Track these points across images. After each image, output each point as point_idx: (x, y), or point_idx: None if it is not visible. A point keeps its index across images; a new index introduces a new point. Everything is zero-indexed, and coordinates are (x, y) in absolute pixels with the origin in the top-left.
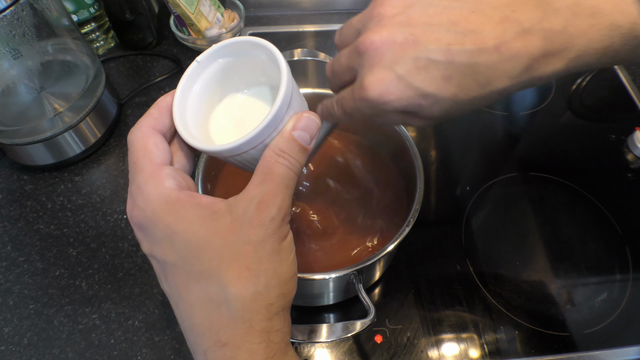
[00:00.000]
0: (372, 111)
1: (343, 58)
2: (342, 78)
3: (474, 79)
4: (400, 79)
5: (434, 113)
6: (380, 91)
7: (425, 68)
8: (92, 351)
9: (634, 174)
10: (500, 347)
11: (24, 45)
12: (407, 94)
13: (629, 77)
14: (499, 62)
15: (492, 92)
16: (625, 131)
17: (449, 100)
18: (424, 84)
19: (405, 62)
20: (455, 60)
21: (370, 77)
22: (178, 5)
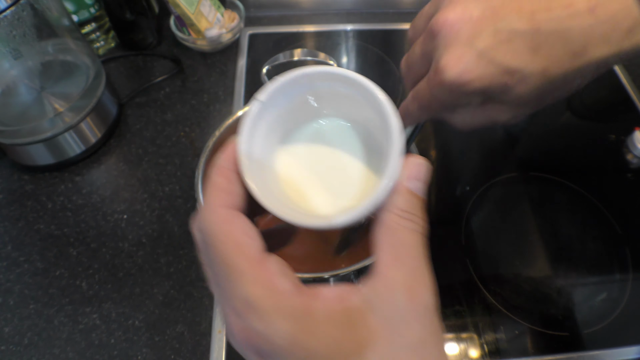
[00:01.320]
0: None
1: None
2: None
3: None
4: (481, 55)
5: (522, 93)
6: (458, 70)
7: (508, 40)
8: (92, 351)
9: (634, 174)
10: (500, 347)
11: (25, 45)
12: (489, 71)
13: (629, 77)
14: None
15: (590, 63)
16: (625, 131)
17: (538, 75)
18: (508, 58)
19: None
20: (542, 28)
21: (447, 56)
22: (178, 6)
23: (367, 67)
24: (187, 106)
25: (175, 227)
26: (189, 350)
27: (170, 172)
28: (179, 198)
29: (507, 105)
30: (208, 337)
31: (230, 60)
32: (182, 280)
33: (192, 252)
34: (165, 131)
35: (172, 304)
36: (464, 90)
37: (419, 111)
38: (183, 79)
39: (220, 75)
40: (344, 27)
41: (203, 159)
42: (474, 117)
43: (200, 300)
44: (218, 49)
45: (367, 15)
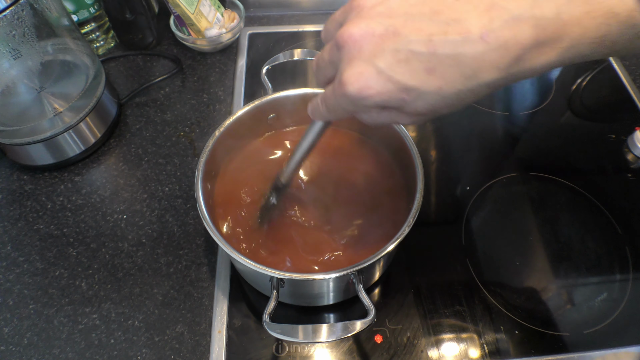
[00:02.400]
0: (354, 107)
1: (325, 53)
2: (326, 74)
3: (459, 71)
4: (380, 72)
5: (418, 108)
6: (359, 86)
7: (406, 60)
8: (92, 351)
9: (634, 174)
10: (500, 347)
11: (24, 45)
12: (388, 88)
13: (629, 77)
14: (486, 53)
15: (480, 84)
16: (625, 131)
17: (433, 93)
18: (406, 77)
19: (385, 54)
20: (438, 52)
21: (349, 71)
22: (178, 5)
23: None
24: (187, 106)
25: (175, 227)
26: (189, 351)
27: (170, 172)
28: (178, 198)
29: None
30: (208, 337)
31: (230, 60)
32: (182, 280)
33: (192, 252)
34: (165, 131)
35: (171, 304)
36: (364, 103)
37: (326, 113)
38: (183, 78)
39: (220, 75)
40: None
41: (203, 159)
42: (379, 117)
43: (200, 301)
44: (218, 49)
45: None
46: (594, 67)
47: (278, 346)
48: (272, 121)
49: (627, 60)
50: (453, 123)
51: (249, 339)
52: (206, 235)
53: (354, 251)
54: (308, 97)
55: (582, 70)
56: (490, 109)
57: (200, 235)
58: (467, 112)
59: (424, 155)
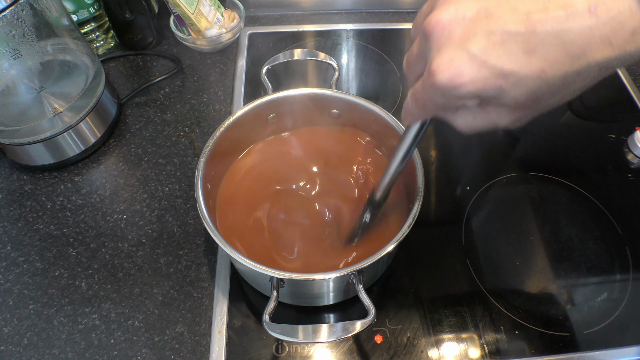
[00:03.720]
0: (445, 99)
1: (415, 47)
2: (416, 70)
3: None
4: (473, 57)
5: (518, 97)
6: (450, 74)
7: (501, 42)
8: (92, 351)
9: (634, 174)
10: (500, 347)
11: (24, 45)
12: (482, 75)
13: (629, 77)
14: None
15: (590, 65)
16: (625, 131)
17: (534, 78)
18: (502, 61)
19: (477, 38)
20: (538, 30)
21: (439, 59)
22: (178, 5)
23: (367, 67)
24: (186, 106)
25: (175, 227)
26: (189, 351)
27: (170, 172)
28: (178, 198)
29: (506, 108)
30: (208, 338)
31: (230, 60)
32: (181, 280)
33: (192, 252)
34: (165, 131)
35: (171, 304)
36: (456, 94)
37: (417, 110)
38: (183, 78)
39: (220, 75)
40: (344, 27)
41: (203, 159)
42: (475, 119)
43: (200, 301)
44: (218, 49)
45: (367, 15)
46: None
47: (278, 346)
48: (272, 121)
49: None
50: None
51: (249, 339)
52: (206, 235)
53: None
54: (308, 97)
55: None
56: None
57: (200, 235)
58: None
59: (424, 155)
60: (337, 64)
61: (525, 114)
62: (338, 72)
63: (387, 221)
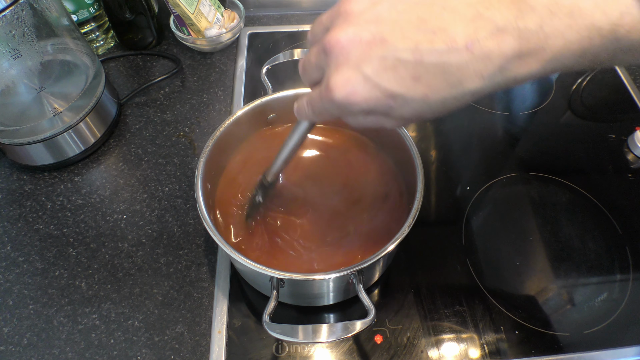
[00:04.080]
0: (340, 112)
1: (312, 56)
2: (313, 77)
3: (444, 79)
4: (367, 79)
5: (404, 114)
6: (346, 92)
7: (393, 68)
8: (91, 351)
9: (634, 174)
10: (500, 347)
11: (24, 45)
12: (374, 95)
13: (629, 77)
14: (471, 62)
15: (465, 92)
16: (625, 131)
17: (419, 100)
18: (392, 84)
19: (372, 61)
20: (425, 60)
21: (336, 77)
22: (178, 5)
23: None
24: (186, 106)
25: (174, 227)
26: (189, 351)
27: (170, 172)
28: (178, 198)
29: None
30: (208, 338)
31: (230, 60)
32: (181, 280)
33: (192, 252)
34: (165, 131)
35: (171, 304)
36: (350, 109)
37: (312, 114)
38: (183, 78)
39: (220, 75)
40: None
41: (203, 159)
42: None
43: (200, 301)
44: (218, 49)
45: None
46: None
47: (278, 346)
48: (272, 121)
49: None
50: (453, 123)
51: (249, 339)
52: (206, 235)
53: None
54: None
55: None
56: (490, 109)
57: (200, 235)
58: (467, 112)
59: (424, 155)
60: None
61: (406, 123)
62: None
63: (387, 221)
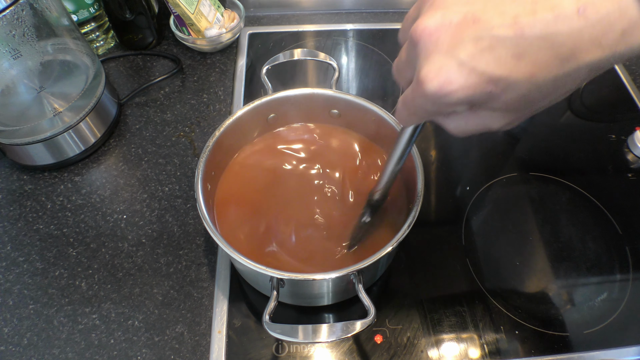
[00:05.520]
0: (436, 107)
1: (403, 53)
2: (406, 76)
3: (553, 53)
4: (462, 64)
5: (509, 101)
6: (439, 82)
7: (490, 48)
8: (92, 351)
9: (634, 174)
10: (500, 347)
11: (24, 45)
12: (472, 81)
13: (629, 77)
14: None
15: (580, 67)
16: (625, 131)
17: (525, 82)
18: (491, 67)
19: (465, 44)
20: (527, 33)
21: (427, 67)
22: (178, 5)
23: (367, 67)
24: (186, 106)
25: (175, 227)
26: (189, 351)
27: (170, 172)
28: (178, 198)
29: (498, 111)
30: (208, 338)
31: (230, 60)
32: (181, 280)
33: (192, 252)
34: (165, 131)
35: (171, 304)
36: (446, 101)
37: (408, 117)
38: (183, 78)
39: (220, 75)
40: (344, 27)
41: (203, 159)
42: (467, 123)
43: (200, 301)
44: (218, 49)
45: (367, 15)
46: None
47: (278, 346)
48: (272, 121)
49: (627, 60)
50: None
51: (249, 339)
52: (206, 235)
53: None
54: (308, 97)
55: None
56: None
57: (200, 235)
58: None
59: (424, 155)
60: (337, 64)
61: (518, 116)
62: (338, 72)
63: (387, 221)
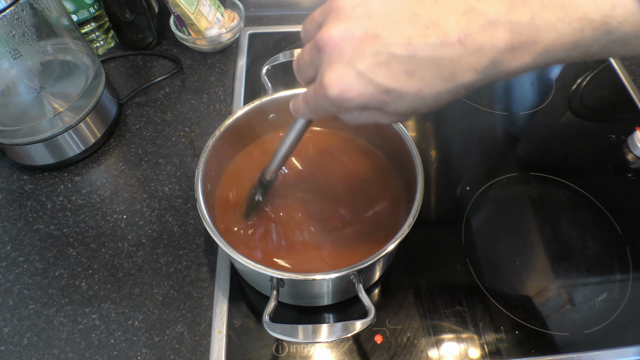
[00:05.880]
0: (335, 109)
1: (306, 54)
2: (307, 74)
3: (438, 73)
4: (361, 75)
5: (399, 109)
6: (340, 89)
7: (386, 63)
8: (92, 351)
9: (634, 174)
10: (500, 347)
11: (24, 45)
12: (368, 91)
13: (629, 77)
14: (464, 56)
15: (458, 86)
16: (625, 131)
17: (413, 95)
18: (386, 80)
19: (365, 57)
20: (418, 55)
21: (330, 74)
22: (178, 5)
23: None
24: (186, 106)
25: (175, 227)
26: (189, 351)
27: (170, 172)
28: (178, 198)
29: (386, 114)
30: (208, 338)
31: (230, 60)
32: (181, 280)
33: (192, 252)
34: (165, 131)
35: (171, 304)
36: (345, 105)
37: (307, 112)
38: (183, 78)
39: (220, 75)
40: None
41: (203, 159)
42: (360, 117)
43: (200, 301)
44: (218, 49)
45: None
46: (594, 67)
47: (278, 346)
48: (272, 121)
49: (627, 60)
50: (453, 123)
51: (249, 339)
52: (206, 235)
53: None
54: None
55: (582, 70)
56: (490, 109)
57: (200, 235)
58: (467, 112)
59: (424, 155)
60: None
61: (401, 118)
62: None
63: (387, 221)
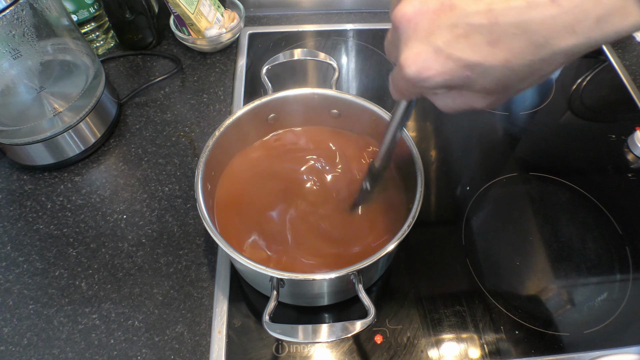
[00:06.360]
0: (417, 89)
1: (389, 34)
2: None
3: (527, 40)
4: (439, 51)
5: (487, 85)
6: (417, 68)
7: (465, 35)
8: (92, 351)
9: (634, 174)
10: (500, 347)
11: (24, 45)
12: (448, 67)
13: (629, 77)
14: (558, 16)
15: (555, 52)
16: (625, 131)
17: (500, 67)
18: (466, 53)
19: (442, 31)
20: (500, 21)
21: (406, 52)
22: (178, 5)
23: (367, 67)
24: (186, 106)
25: (174, 227)
26: (189, 351)
27: (170, 172)
28: (178, 198)
29: (478, 93)
30: (208, 338)
31: (230, 60)
32: (181, 280)
33: (192, 252)
34: (165, 131)
35: (171, 304)
36: (425, 85)
37: (397, 94)
38: (183, 78)
39: (220, 75)
40: (343, 27)
41: (203, 159)
42: (454, 102)
43: (200, 301)
44: (218, 49)
45: (367, 15)
46: (594, 67)
47: (278, 346)
48: (272, 121)
49: (627, 60)
50: (453, 123)
51: (249, 339)
52: (206, 235)
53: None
54: (308, 97)
55: (582, 70)
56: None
57: (200, 235)
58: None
59: (424, 155)
60: (337, 64)
61: (499, 97)
62: (338, 72)
63: (387, 221)
